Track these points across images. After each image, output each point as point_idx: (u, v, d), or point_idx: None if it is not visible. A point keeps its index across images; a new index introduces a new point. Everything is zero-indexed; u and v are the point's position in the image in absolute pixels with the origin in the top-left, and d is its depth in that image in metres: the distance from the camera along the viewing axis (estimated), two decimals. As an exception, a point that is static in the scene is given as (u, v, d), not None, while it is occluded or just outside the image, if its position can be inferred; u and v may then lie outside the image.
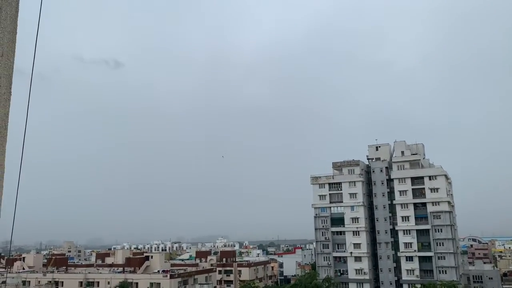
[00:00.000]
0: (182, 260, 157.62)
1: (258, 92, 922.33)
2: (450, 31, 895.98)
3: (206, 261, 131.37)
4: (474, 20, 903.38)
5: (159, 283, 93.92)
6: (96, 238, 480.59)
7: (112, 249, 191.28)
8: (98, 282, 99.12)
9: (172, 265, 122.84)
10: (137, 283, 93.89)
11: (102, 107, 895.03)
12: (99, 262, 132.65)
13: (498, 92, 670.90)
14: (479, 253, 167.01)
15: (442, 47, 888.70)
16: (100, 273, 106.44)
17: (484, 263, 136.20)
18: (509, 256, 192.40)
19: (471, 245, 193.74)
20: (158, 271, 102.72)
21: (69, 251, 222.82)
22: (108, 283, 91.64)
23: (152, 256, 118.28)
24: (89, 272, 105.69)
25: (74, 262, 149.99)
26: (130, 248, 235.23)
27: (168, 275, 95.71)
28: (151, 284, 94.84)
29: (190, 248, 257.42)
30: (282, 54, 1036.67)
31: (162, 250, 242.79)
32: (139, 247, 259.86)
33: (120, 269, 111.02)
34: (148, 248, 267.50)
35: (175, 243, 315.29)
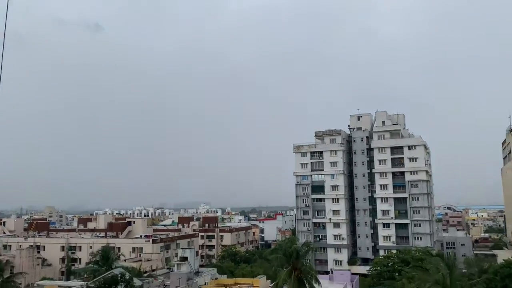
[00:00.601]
0: (165, 225, 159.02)
1: (244, 57, 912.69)
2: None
3: (188, 227, 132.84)
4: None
5: (142, 248, 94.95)
6: (77, 204, 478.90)
7: (94, 215, 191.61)
8: (80, 247, 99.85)
9: (155, 230, 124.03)
10: (119, 248, 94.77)
11: (85, 68, 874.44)
12: (81, 227, 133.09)
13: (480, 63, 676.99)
14: (453, 221, 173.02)
15: (429, 15, 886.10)
16: (82, 237, 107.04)
17: (458, 230, 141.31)
18: (481, 223, 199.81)
19: (446, 213, 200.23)
20: (141, 236, 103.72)
21: (51, 216, 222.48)
22: (90, 247, 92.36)
23: (134, 222, 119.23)
24: (71, 237, 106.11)
25: (55, 227, 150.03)
26: (112, 213, 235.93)
27: (151, 240, 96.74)
28: (134, 248, 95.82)
29: (172, 214, 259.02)
30: (267, 18, 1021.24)
31: (145, 216, 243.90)
32: (121, 213, 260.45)
33: (102, 234, 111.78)
34: (131, 214, 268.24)
35: (158, 209, 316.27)
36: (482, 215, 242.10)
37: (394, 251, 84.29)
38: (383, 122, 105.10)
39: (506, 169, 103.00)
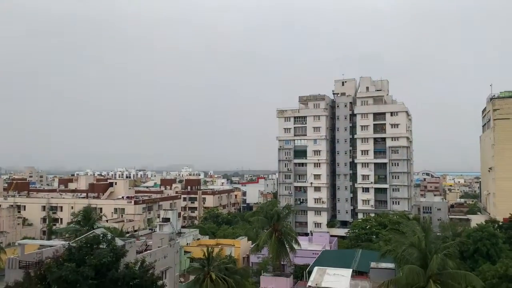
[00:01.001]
0: (147, 187, 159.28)
1: (232, 24, 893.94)
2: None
3: (171, 189, 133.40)
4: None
5: (124, 209, 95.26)
6: (58, 165, 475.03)
7: (75, 176, 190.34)
8: (61, 207, 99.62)
9: (137, 191, 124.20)
10: (101, 209, 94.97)
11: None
12: (62, 187, 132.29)
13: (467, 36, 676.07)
14: (431, 186, 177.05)
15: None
16: (63, 198, 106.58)
17: (435, 195, 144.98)
18: (458, 189, 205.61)
19: (424, 179, 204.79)
20: (123, 197, 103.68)
21: (31, 176, 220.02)
22: (72, 208, 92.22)
23: (116, 183, 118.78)
24: (52, 197, 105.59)
25: (36, 187, 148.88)
26: (94, 174, 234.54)
27: (133, 201, 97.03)
28: (116, 209, 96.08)
29: (155, 176, 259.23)
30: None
31: (127, 177, 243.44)
32: (102, 174, 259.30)
33: (84, 194, 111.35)
34: (112, 175, 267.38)
35: (140, 171, 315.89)
36: (459, 181, 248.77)
37: (373, 215, 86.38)
38: (367, 88, 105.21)
39: (484, 137, 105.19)
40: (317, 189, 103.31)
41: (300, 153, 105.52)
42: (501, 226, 67.04)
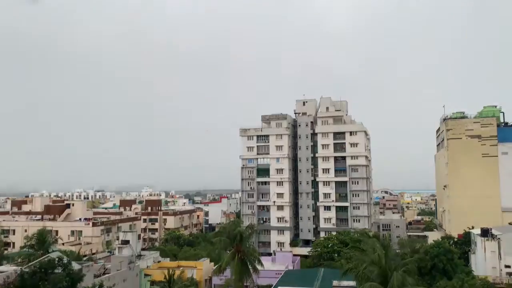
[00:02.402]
0: (106, 208, 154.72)
1: (195, 39, 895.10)
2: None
3: (130, 210, 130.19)
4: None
5: (81, 231, 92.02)
6: (11, 185, 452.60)
7: (30, 197, 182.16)
8: (13, 230, 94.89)
9: (95, 213, 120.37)
10: (57, 231, 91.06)
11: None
12: (15, 209, 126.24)
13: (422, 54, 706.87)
14: (389, 204, 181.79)
15: (372, 8, 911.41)
16: (16, 220, 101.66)
17: (393, 213, 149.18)
18: (415, 207, 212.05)
19: (383, 197, 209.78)
20: (80, 219, 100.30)
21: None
22: (25, 231, 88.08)
23: (73, 204, 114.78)
24: (3, 220, 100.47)
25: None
26: (50, 196, 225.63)
27: (90, 223, 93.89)
28: (72, 232, 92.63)
29: (114, 197, 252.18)
30: (219, 5, 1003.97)
31: (85, 198, 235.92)
32: (59, 195, 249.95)
33: (39, 216, 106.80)
34: (69, 196, 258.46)
35: (98, 192, 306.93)
36: (416, 199, 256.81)
37: (334, 233, 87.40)
38: (327, 108, 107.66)
39: (439, 156, 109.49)
40: (280, 207, 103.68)
41: (263, 171, 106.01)
42: (456, 242, 69.62)
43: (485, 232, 58.67)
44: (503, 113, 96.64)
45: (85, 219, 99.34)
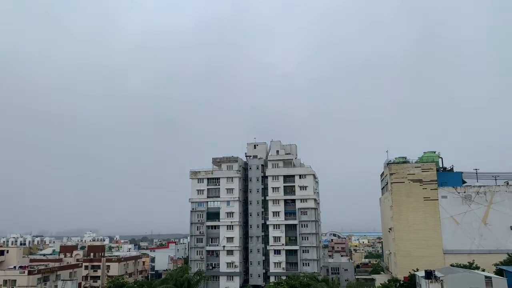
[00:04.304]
0: (44, 255, 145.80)
1: (143, 83, 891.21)
2: (325, 38, 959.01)
3: (71, 256, 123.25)
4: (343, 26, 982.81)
5: (15, 280, 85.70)
6: None
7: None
8: None
9: (32, 260, 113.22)
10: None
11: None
12: None
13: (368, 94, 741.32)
14: (338, 247, 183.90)
15: (321, 51, 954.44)
16: None
17: (342, 256, 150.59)
18: (362, 249, 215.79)
19: (332, 240, 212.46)
20: (15, 267, 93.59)
21: None
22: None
23: (8, 251, 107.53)
24: None
25: None
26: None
27: (26, 271, 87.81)
28: (5, 281, 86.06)
29: (54, 242, 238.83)
30: (169, 45, 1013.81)
31: (21, 244, 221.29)
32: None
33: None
34: (4, 242, 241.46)
35: (37, 237, 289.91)
36: (363, 242, 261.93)
37: (284, 277, 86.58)
38: (277, 152, 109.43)
39: (383, 199, 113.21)
40: (230, 252, 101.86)
41: (213, 215, 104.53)
42: (402, 285, 71.14)
43: (429, 274, 60.22)
44: (442, 158, 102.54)
45: (20, 267, 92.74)
